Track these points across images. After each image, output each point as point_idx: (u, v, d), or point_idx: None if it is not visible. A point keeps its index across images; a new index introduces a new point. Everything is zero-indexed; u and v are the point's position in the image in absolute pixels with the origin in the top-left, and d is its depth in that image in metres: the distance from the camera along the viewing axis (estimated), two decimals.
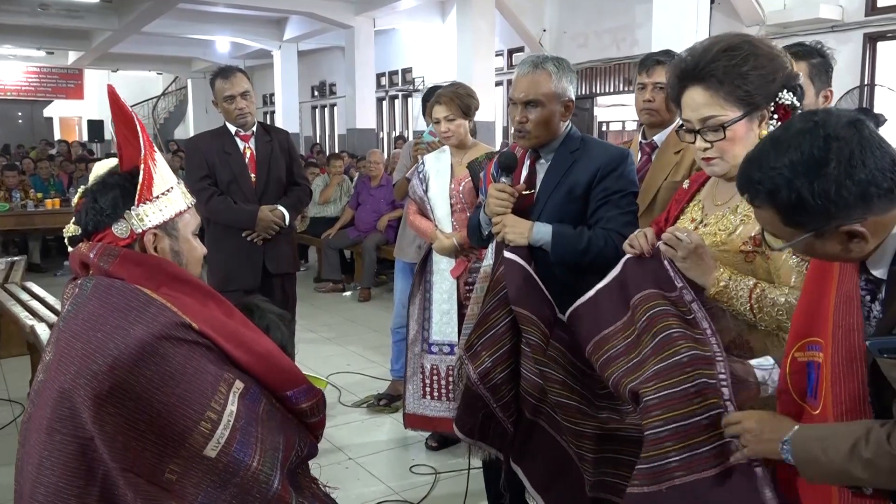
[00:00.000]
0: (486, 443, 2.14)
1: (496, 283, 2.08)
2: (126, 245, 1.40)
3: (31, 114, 22.55)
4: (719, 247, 1.61)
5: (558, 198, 2.13)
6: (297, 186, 3.53)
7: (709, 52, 1.55)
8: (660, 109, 2.63)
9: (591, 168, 2.12)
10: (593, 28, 10.53)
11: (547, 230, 2.08)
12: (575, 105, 2.20)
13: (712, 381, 1.44)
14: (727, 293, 1.55)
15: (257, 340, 1.44)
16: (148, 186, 1.40)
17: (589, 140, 2.23)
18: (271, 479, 1.37)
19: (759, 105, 1.55)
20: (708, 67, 1.54)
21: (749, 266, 1.57)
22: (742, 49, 1.53)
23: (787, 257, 1.52)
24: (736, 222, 1.61)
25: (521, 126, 2.12)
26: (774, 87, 1.54)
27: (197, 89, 21.20)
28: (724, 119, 1.54)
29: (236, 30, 14.95)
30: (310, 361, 4.56)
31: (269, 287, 3.35)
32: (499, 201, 2.09)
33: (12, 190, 8.09)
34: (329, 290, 7.13)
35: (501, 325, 2.04)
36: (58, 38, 16.11)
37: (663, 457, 1.45)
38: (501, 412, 2.05)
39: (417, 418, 3.28)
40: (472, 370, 2.04)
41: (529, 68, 2.12)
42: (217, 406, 1.30)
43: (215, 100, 3.35)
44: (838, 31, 7.79)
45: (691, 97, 1.58)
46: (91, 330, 1.28)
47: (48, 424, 1.25)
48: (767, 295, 1.52)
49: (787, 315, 1.50)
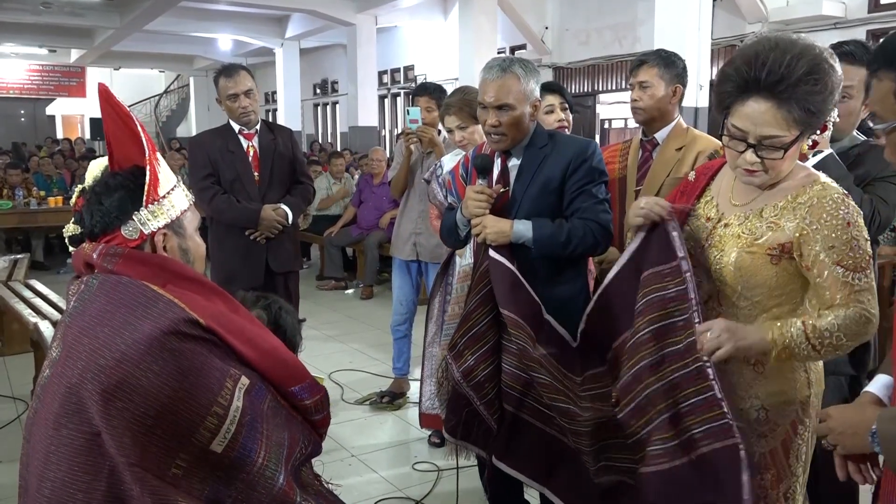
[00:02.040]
0: (469, 441, 2.20)
1: (478, 282, 2.13)
2: (136, 246, 1.40)
3: (33, 112, 22.57)
4: (745, 249, 1.58)
5: (533, 193, 2.18)
6: (301, 185, 3.53)
7: (792, 71, 1.44)
8: (647, 108, 2.63)
9: (563, 161, 2.17)
10: (595, 25, 10.53)
11: (527, 226, 2.12)
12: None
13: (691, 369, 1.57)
14: (788, 350, 1.50)
15: (262, 336, 1.45)
16: (154, 187, 1.41)
17: (556, 135, 2.29)
18: (276, 475, 1.38)
19: (815, 127, 1.52)
20: (788, 90, 1.44)
21: (775, 268, 1.56)
22: (822, 71, 1.45)
23: (833, 268, 1.48)
24: (763, 228, 1.58)
25: (494, 129, 2.16)
26: (830, 110, 1.52)
27: (199, 87, 21.21)
28: (787, 140, 1.49)
29: (238, 27, 14.95)
30: (312, 359, 4.57)
31: (272, 285, 3.36)
32: (477, 203, 2.13)
33: (15, 188, 8.10)
34: (331, 288, 7.14)
35: (483, 323, 2.09)
36: (60, 36, 16.12)
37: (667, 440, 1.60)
38: (485, 409, 2.10)
39: (433, 418, 3.27)
40: (456, 369, 2.09)
41: (498, 73, 2.14)
42: (223, 401, 1.31)
43: (219, 98, 3.35)
44: (841, 28, 7.78)
45: (756, 110, 1.48)
46: (98, 325, 1.29)
47: (55, 419, 1.26)
48: (819, 327, 1.48)
49: (845, 336, 1.47)
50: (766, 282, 1.57)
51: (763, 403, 1.61)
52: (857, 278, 1.48)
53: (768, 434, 1.61)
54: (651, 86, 2.60)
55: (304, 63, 16.39)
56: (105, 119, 1.45)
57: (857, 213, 1.52)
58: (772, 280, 1.57)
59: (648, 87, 2.61)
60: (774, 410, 1.60)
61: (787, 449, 1.60)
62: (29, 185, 8.39)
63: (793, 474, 1.62)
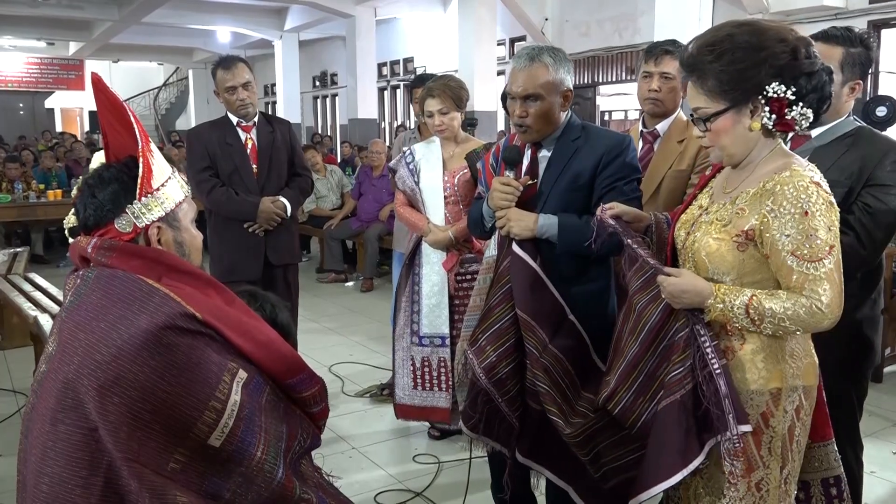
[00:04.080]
0: (491, 438, 2.13)
1: (501, 277, 2.08)
2: (130, 240, 1.39)
3: (32, 105, 22.52)
4: (713, 235, 1.62)
5: (562, 188, 2.11)
6: (299, 177, 3.52)
7: (695, 46, 1.59)
8: (665, 100, 2.59)
9: (594, 156, 2.09)
10: (595, 17, 10.48)
11: (552, 221, 2.06)
12: (574, 94, 2.19)
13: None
14: (725, 315, 1.56)
15: (259, 329, 1.44)
16: (148, 179, 1.39)
17: (590, 128, 2.20)
18: (275, 468, 1.37)
19: (742, 98, 1.54)
20: (694, 62, 1.58)
21: (741, 255, 1.58)
22: (721, 44, 1.54)
23: (787, 256, 1.51)
24: (732, 214, 1.61)
25: (521, 121, 2.09)
26: (758, 81, 1.52)
27: (198, 80, 21.15)
28: (709, 112, 1.58)
29: (237, 19, 14.91)
30: (312, 352, 4.57)
31: (272, 277, 3.36)
32: (503, 195, 2.08)
33: (14, 181, 8.09)
34: (331, 281, 7.14)
35: (507, 319, 2.03)
36: (58, 28, 16.07)
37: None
38: (507, 406, 2.04)
39: (409, 408, 3.31)
40: (477, 365, 2.03)
41: (526, 62, 2.07)
42: (221, 396, 1.30)
43: (217, 90, 3.33)
44: (842, 19, 7.74)
45: (689, 90, 1.63)
46: (94, 320, 1.28)
47: (52, 415, 1.25)
48: (764, 305, 1.52)
49: (789, 321, 1.50)
50: (734, 268, 1.59)
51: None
52: (810, 268, 1.49)
53: None
54: (672, 78, 2.55)
55: (303, 55, 16.34)
56: (99, 108, 1.43)
57: (825, 202, 1.51)
58: (739, 266, 1.58)
59: (671, 79, 2.55)
60: (742, 398, 1.60)
61: (757, 440, 1.60)
62: (28, 179, 8.38)
63: (765, 466, 1.61)
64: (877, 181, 1.97)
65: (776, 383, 1.60)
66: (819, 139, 2.05)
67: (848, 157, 2.00)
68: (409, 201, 3.29)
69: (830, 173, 1.96)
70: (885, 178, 1.96)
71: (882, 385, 4.11)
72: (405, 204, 3.30)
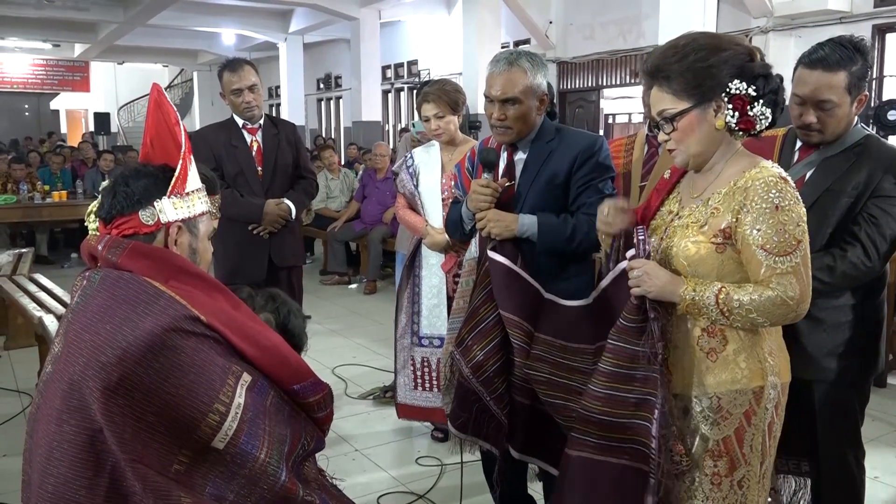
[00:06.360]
0: (480, 437, 2.17)
1: (483, 277, 2.11)
2: (148, 233, 1.41)
3: (37, 106, 22.62)
4: (690, 238, 1.63)
5: (539, 188, 2.17)
6: (304, 179, 3.53)
7: (657, 53, 1.66)
8: None
9: (569, 156, 2.16)
10: (599, 20, 10.48)
11: (532, 221, 2.12)
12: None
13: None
14: (696, 305, 1.58)
15: (264, 334, 1.44)
16: (182, 180, 1.45)
17: (563, 129, 2.26)
18: (279, 471, 1.38)
19: (707, 96, 1.58)
20: (659, 65, 1.63)
21: (720, 257, 1.60)
22: (685, 47, 1.60)
23: (756, 250, 1.54)
24: (706, 216, 1.63)
25: (500, 123, 2.14)
26: (721, 78, 1.57)
27: (203, 82, 21.21)
28: (674, 111, 1.62)
29: (242, 22, 14.95)
30: (316, 353, 4.57)
31: (276, 280, 3.36)
32: (483, 196, 2.13)
33: (20, 182, 8.12)
34: (335, 283, 7.14)
35: (491, 318, 2.07)
36: (64, 30, 16.13)
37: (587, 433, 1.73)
38: (495, 405, 2.07)
39: (410, 408, 3.34)
40: (464, 364, 2.07)
41: (505, 66, 2.12)
42: (225, 398, 1.31)
43: (223, 92, 3.35)
44: (847, 23, 7.73)
45: (653, 95, 1.67)
46: (100, 322, 1.29)
47: (57, 416, 1.26)
48: (732, 297, 1.54)
49: (756, 313, 1.53)
50: (714, 271, 1.61)
51: (715, 391, 1.63)
52: (778, 262, 1.53)
53: (721, 422, 1.64)
54: None
55: (307, 58, 16.37)
56: (150, 118, 1.50)
57: (794, 198, 1.56)
58: (719, 269, 1.60)
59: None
60: (726, 399, 1.62)
61: (740, 438, 1.63)
62: (33, 180, 8.41)
63: (747, 463, 1.64)
64: (883, 192, 1.96)
65: (758, 381, 1.63)
66: (826, 150, 2.04)
67: (855, 168, 1.98)
68: (410, 204, 3.31)
69: (837, 184, 1.96)
70: (891, 189, 1.95)
71: (885, 390, 4.10)
72: (406, 207, 3.33)
